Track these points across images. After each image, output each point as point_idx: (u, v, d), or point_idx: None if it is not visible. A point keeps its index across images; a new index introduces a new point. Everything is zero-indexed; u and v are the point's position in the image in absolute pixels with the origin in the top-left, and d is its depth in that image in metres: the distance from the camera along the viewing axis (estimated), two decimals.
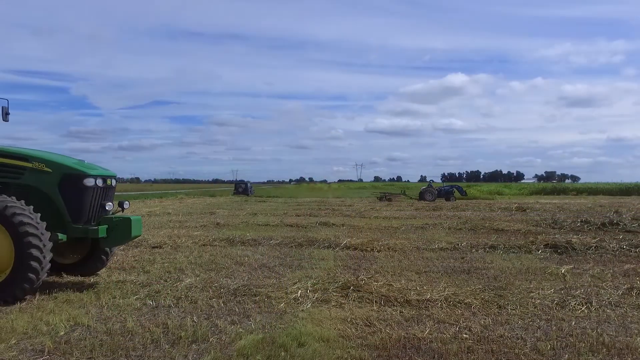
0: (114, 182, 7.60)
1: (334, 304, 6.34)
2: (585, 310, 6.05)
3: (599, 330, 5.28)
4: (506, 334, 5.17)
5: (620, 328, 5.40)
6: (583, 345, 4.79)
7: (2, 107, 7.98)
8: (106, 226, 7.03)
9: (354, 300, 6.51)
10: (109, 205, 7.35)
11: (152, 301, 6.38)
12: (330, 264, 9.39)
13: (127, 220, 7.11)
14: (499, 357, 4.57)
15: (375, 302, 6.42)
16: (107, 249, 7.87)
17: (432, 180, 51.89)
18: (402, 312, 5.98)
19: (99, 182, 7.10)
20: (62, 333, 5.07)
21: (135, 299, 6.46)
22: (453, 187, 40.83)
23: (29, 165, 6.82)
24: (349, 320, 5.64)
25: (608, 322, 5.62)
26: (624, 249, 10.83)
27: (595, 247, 10.92)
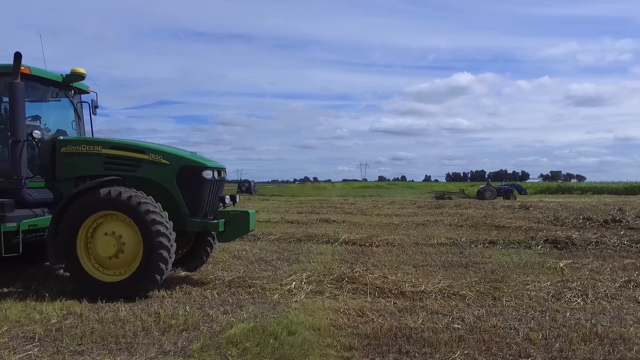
0: (225, 175, 7.40)
1: (327, 295, 6.32)
2: (581, 302, 6.01)
3: (593, 321, 5.24)
4: (499, 324, 5.13)
5: (614, 319, 5.35)
6: (576, 335, 4.75)
7: (92, 100, 7.89)
8: (223, 220, 6.81)
9: (348, 291, 6.49)
10: (227, 198, 7.16)
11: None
12: (328, 258, 9.37)
13: (245, 214, 6.88)
14: (490, 346, 4.53)
15: (370, 293, 6.40)
16: (211, 244, 7.67)
17: (490, 179, 51.26)
18: (396, 303, 5.96)
19: (216, 175, 6.88)
20: (54, 321, 5.08)
21: None
22: (512, 186, 40.42)
23: (146, 157, 6.61)
24: (341, 310, 5.62)
25: (603, 314, 5.57)
26: (624, 244, 10.74)
27: (595, 243, 10.83)
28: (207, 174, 6.70)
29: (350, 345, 4.50)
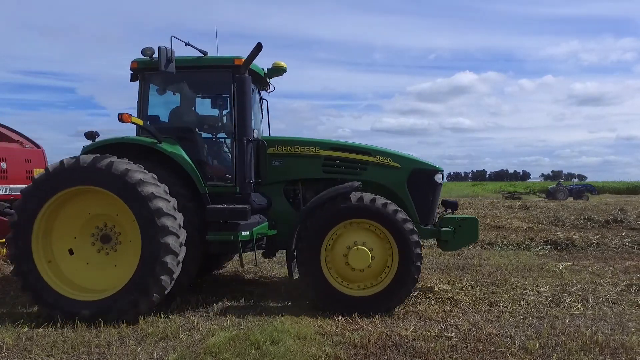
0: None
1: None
2: (581, 308, 5.76)
3: (593, 328, 4.99)
4: (495, 332, 4.88)
5: (616, 326, 5.11)
6: (575, 344, 4.50)
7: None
8: (452, 227, 6.29)
9: None
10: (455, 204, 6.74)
11: None
12: None
13: (474, 221, 6.42)
14: (484, 356, 4.29)
15: None
16: None
17: (561, 180, 50.36)
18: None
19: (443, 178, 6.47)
20: (26, 329, 4.84)
21: None
22: (584, 186, 39.86)
23: (373, 159, 6.20)
24: (330, 316, 5.38)
25: (604, 320, 5.33)
26: (626, 245, 10.48)
27: (596, 244, 10.57)
28: (438, 178, 6.32)
29: (336, 356, 4.26)
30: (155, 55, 5.45)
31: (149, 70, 6.02)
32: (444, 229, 6.26)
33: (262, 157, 6.25)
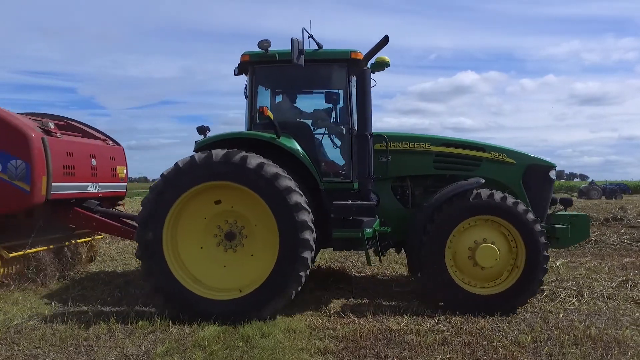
0: None
1: (310, 294, 6.05)
2: (576, 303, 5.73)
3: (587, 322, 4.95)
4: (487, 326, 4.85)
5: (610, 321, 5.07)
6: (567, 337, 4.47)
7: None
8: (566, 225, 6.11)
9: (332, 291, 6.24)
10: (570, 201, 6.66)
11: (121, 292, 6.13)
12: (318, 256, 9.07)
13: (585, 218, 6.28)
14: (475, 349, 4.25)
15: (355, 293, 6.13)
16: None
17: (593, 180, 49.77)
18: (381, 304, 5.68)
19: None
20: (15, 322, 4.82)
21: (104, 290, 6.20)
22: (618, 186, 39.58)
23: (487, 155, 6.11)
24: (322, 311, 5.35)
25: (598, 315, 5.30)
26: (624, 242, 10.44)
27: (594, 241, 10.52)
28: (553, 174, 6.25)
29: (326, 349, 4.23)
30: (272, 48, 5.42)
31: (262, 64, 5.88)
32: (558, 226, 6.06)
33: (373, 153, 5.94)
